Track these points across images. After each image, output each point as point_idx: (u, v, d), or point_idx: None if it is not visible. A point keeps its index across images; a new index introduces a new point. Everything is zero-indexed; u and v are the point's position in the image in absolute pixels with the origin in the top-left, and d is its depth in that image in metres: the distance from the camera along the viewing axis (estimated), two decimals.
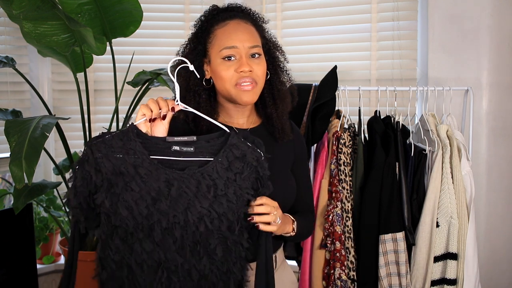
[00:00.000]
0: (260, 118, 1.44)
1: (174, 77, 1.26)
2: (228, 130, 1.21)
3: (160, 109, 1.22)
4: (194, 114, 1.29)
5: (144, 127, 1.21)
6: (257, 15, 1.39)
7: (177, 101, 1.24)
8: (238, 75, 1.29)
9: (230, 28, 1.32)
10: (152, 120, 1.21)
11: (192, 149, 1.17)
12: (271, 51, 1.40)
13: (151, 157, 1.16)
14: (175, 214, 1.15)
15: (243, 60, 1.29)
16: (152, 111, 1.21)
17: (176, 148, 1.18)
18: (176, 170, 1.16)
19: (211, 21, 1.35)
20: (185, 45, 1.40)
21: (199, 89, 1.35)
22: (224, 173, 1.17)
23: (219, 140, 1.20)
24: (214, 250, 1.17)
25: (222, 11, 1.37)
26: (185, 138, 1.18)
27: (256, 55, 1.32)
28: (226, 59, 1.30)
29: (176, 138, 1.18)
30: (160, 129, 1.23)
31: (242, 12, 1.38)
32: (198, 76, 1.32)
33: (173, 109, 1.23)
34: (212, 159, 1.17)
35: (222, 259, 1.18)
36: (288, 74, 1.45)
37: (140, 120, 1.20)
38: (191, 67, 1.26)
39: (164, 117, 1.23)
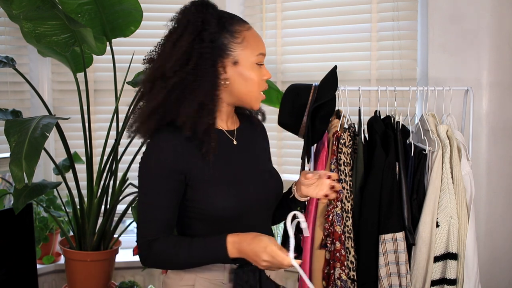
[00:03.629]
0: (238, 118, 1.43)
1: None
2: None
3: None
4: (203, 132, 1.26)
5: None
6: None
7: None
8: (263, 82, 1.32)
9: (255, 33, 1.32)
10: None
11: None
12: None
13: None
14: None
15: (266, 68, 1.33)
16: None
17: None
18: None
19: (228, 20, 1.29)
20: (176, 38, 1.30)
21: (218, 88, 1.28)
22: None
23: None
24: None
25: (221, 11, 1.33)
26: None
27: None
28: (259, 64, 1.30)
29: None
30: None
31: None
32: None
33: None
34: None
35: None
36: None
37: None
38: None
39: None
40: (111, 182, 2.39)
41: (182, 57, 1.25)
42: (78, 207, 2.36)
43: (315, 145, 2.03)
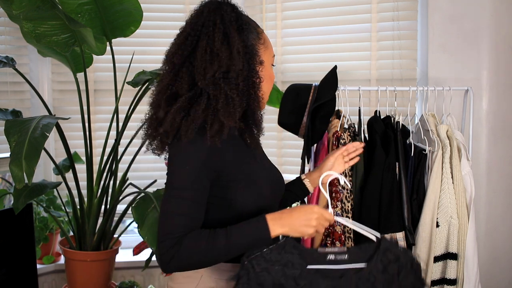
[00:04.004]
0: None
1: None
2: (376, 238, 1.25)
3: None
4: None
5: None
6: None
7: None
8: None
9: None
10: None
11: (345, 256, 1.21)
12: None
13: (308, 267, 1.19)
14: None
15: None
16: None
17: (331, 257, 1.20)
18: (333, 278, 1.18)
19: (251, 21, 1.33)
20: (223, 38, 1.24)
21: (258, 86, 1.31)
22: (381, 276, 1.19)
23: (371, 246, 1.23)
24: None
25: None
26: (336, 249, 1.22)
27: None
28: (272, 66, 1.37)
29: (328, 249, 1.22)
30: None
31: None
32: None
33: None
34: (365, 265, 1.20)
35: None
36: None
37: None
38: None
39: None
40: (111, 182, 2.39)
41: (237, 57, 1.24)
42: (78, 207, 2.36)
43: (315, 145, 2.03)
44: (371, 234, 1.27)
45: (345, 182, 1.38)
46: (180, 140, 1.21)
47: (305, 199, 1.74)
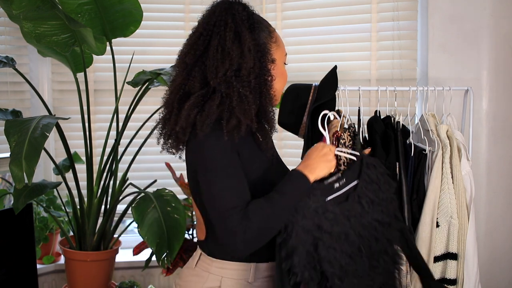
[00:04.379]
0: None
1: None
2: (357, 156, 1.39)
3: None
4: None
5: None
6: None
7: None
8: None
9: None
10: None
11: (344, 180, 1.35)
12: None
13: (326, 200, 1.31)
14: (360, 240, 1.33)
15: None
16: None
17: (337, 185, 1.33)
18: (342, 202, 1.33)
19: (263, 20, 1.35)
20: (234, 36, 1.25)
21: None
22: (371, 186, 1.37)
23: (357, 164, 1.38)
24: (382, 254, 1.38)
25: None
26: (335, 177, 1.34)
27: None
28: (284, 64, 1.39)
29: (331, 179, 1.33)
30: None
31: None
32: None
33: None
34: (357, 181, 1.36)
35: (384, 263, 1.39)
36: None
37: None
38: None
39: None
40: (111, 182, 2.39)
41: (248, 55, 1.25)
42: (78, 207, 2.36)
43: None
44: (353, 155, 1.39)
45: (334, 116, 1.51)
46: (197, 136, 1.21)
47: None
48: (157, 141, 1.33)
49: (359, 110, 1.99)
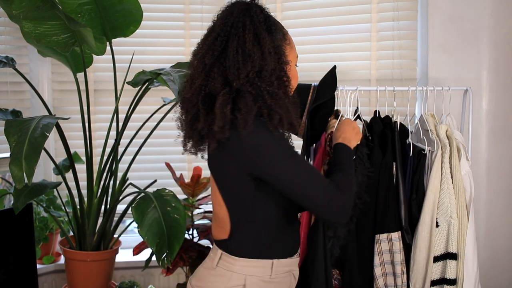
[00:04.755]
0: None
1: None
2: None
3: None
4: None
5: None
6: None
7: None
8: None
9: None
10: None
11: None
12: None
13: None
14: None
15: None
16: None
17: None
18: None
19: (277, 22, 1.37)
20: (254, 38, 1.27)
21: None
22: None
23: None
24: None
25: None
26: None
27: None
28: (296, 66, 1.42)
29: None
30: None
31: None
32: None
33: None
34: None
35: None
36: None
37: None
38: None
39: None
40: (111, 182, 2.39)
41: (269, 57, 1.27)
42: (78, 207, 2.36)
43: (314, 145, 2.03)
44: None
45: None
46: (240, 134, 1.22)
47: None
48: (184, 142, 1.35)
49: (356, 110, 1.99)
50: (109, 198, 2.41)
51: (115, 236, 2.47)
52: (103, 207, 2.39)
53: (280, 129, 1.25)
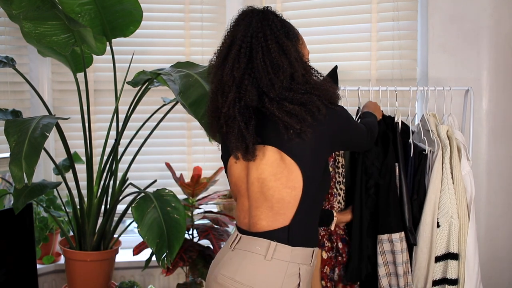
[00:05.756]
0: None
1: None
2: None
3: None
4: None
5: None
6: None
7: None
8: None
9: None
10: None
11: None
12: None
13: None
14: None
15: None
16: None
17: None
18: None
19: (289, 25, 1.47)
20: (280, 44, 1.38)
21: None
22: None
23: None
24: None
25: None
26: None
27: None
28: None
29: None
30: None
31: None
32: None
33: None
34: None
35: None
36: None
37: None
38: None
39: None
40: (111, 182, 2.39)
41: (296, 64, 1.38)
42: (78, 207, 2.36)
43: None
44: None
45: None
46: (316, 118, 1.34)
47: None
48: (235, 155, 1.39)
49: (357, 111, 1.99)
50: (109, 198, 2.41)
51: (115, 236, 2.47)
52: (103, 207, 2.39)
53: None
